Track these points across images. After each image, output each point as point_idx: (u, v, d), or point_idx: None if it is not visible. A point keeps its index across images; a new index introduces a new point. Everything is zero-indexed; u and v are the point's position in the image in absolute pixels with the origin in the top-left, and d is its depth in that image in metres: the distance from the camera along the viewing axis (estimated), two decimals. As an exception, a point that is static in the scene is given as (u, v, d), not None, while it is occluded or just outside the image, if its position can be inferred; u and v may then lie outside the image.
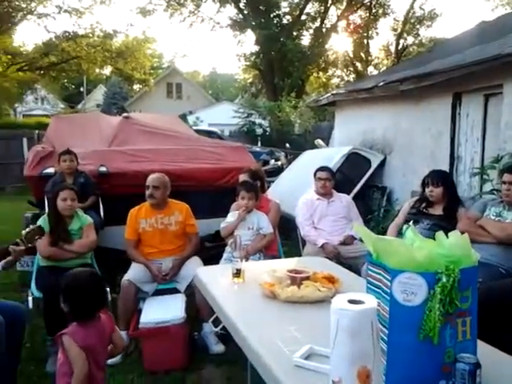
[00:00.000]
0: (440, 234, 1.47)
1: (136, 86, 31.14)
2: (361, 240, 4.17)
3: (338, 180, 4.81)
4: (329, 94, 8.93)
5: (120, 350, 2.50)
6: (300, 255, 4.41)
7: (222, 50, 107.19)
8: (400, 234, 3.83)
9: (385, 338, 1.41)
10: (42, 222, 3.66)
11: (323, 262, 2.99)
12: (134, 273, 3.67)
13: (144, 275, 3.70)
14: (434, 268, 1.37)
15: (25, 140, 13.64)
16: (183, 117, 12.49)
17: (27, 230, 2.93)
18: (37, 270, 3.74)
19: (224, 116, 21.22)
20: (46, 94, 28.01)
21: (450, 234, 1.47)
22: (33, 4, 18.02)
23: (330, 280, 2.29)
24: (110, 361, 2.87)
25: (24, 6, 17.79)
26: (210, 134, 13.63)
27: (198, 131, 8.95)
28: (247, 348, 1.80)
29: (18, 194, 11.76)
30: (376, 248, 1.51)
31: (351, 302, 1.30)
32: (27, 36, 73.27)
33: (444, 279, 1.35)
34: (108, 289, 3.51)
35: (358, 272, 3.46)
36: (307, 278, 2.28)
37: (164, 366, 3.23)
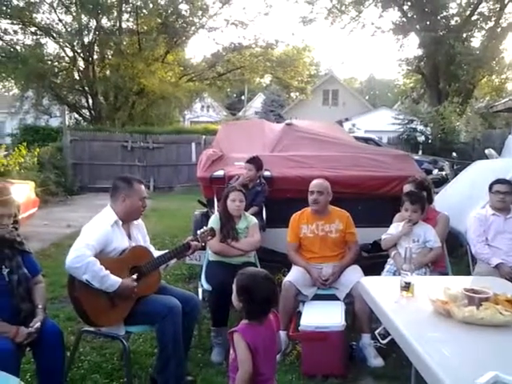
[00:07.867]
0: None
1: (293, 94, 31.85)
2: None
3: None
4: (507, 99, 8.11)
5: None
6: (468, 274, 4.08)
7: (380, 55, 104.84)
8: None
9: None
10: (214, 219, 3.97)
11: (503, 283, 2.72)
12: (295, 275, 3.74)
13: (304, 278, 3.74)
14: None
15: (193, 145, 14.90)
16: (339, 124, 12.45)
17: (202, 230, 3.29)
18: (207, 264, 4.02)
19: (381, 122, 20.62)
20: (211, 102, 30.02)
21: None
22: (204, 19, 19.58)
23: (514, 304, 2.08)
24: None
25: (197, 21, 19.39)
26: (366, 140, 13.27)
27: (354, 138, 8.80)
28: (423, 366, 1.72)
29: (186, 193, 12.90)
30: None
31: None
32: (197, 49, 79.98)
33: None
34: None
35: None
36: (486, 300, 2.11)
37: (321, 371, 3.23)
